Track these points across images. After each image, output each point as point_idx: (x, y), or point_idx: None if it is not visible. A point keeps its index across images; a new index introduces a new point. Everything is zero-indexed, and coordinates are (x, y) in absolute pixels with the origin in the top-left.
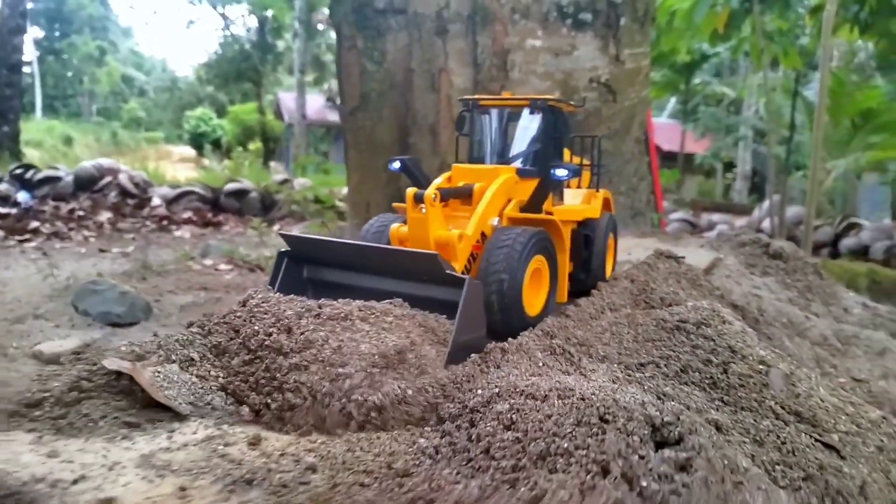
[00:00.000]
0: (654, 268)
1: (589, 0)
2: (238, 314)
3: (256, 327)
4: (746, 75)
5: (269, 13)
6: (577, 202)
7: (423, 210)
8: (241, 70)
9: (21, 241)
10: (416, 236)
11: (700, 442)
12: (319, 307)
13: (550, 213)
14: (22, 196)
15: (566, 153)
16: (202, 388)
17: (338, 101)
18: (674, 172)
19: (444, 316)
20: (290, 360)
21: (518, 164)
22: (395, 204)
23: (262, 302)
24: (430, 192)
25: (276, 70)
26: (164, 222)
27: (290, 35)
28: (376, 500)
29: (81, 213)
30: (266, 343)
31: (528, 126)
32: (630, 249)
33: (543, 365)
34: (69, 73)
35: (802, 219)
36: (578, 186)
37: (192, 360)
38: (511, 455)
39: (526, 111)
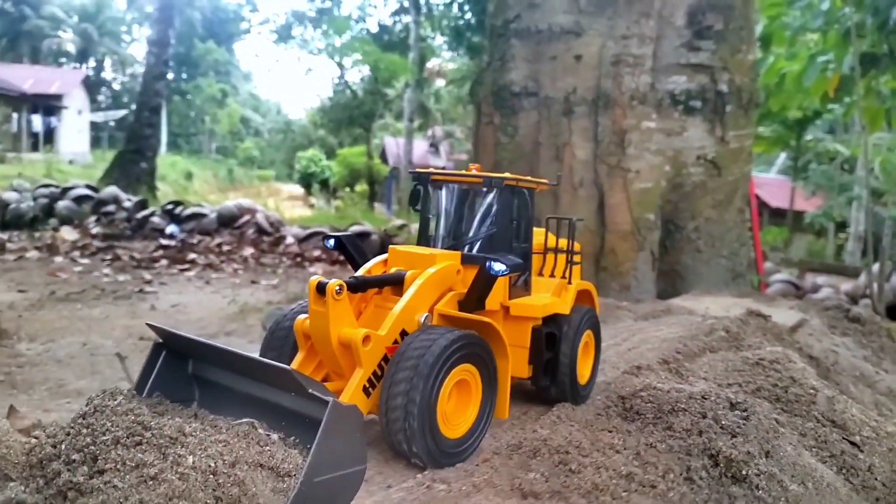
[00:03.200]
0: (745, 323)
1: (699, 90)
2: (62, 428)
3: (64, 447)
4: (861, 133)
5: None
6: (545, 294)
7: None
8: (353, 116)
9: (182, 271)
10: (317, 332)
11: (756, 409)
12: (145, 429)
13: (507, 307)
14: (173, 229)
15: (539, 234)
16: None
17: (440, 146)
18: (781, 230)
19: (297, 450)
20: None
21: (468, 249)
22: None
23: (94, 411)
24: (333, 283)
25: (383, 116)
26: (298, 259)
27: (400, 84)
28: (582, 431)
29: (228, 247)
30: (60, 477)
31: (483, 206)
32: (728, 308)
33: (665, 378)
34: (193, 113)
35: None
36: (552, 275)
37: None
38: (651, 412)
39: (482, 190)
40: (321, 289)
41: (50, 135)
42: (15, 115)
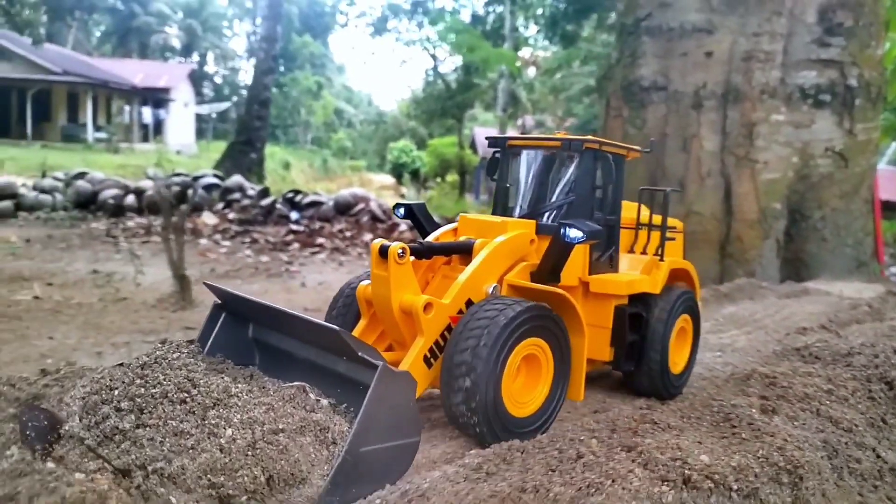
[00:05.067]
0: (885, 300)
1: (829, 84)
2: (119, 372)
3: (117, 393)
4: None
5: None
6: (634, 272)
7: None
8: (445, 107)
9: (313, 254)
10: (378, 298)
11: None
12: (193, 386)
13: (586, 283)
14: (295, 216)
15: (630, 207)
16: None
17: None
18: (893, 224)
19: (346, 418)
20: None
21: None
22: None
23: (154, 362)
24: (396, 246)
25: (473, 107)
26: None
27: (493, 74)
28: (777, 366)
29: (349, 233)
30: (108, 420)
31: (562, 172)
32: (860, 291)
33: (828, 337)
34: (289, 105)
35: None
36: (644, 252)
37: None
38: (829, 356)
39: (562, 155)
40: (384, 252)
41: (158, 126)
42: (127, 108)
